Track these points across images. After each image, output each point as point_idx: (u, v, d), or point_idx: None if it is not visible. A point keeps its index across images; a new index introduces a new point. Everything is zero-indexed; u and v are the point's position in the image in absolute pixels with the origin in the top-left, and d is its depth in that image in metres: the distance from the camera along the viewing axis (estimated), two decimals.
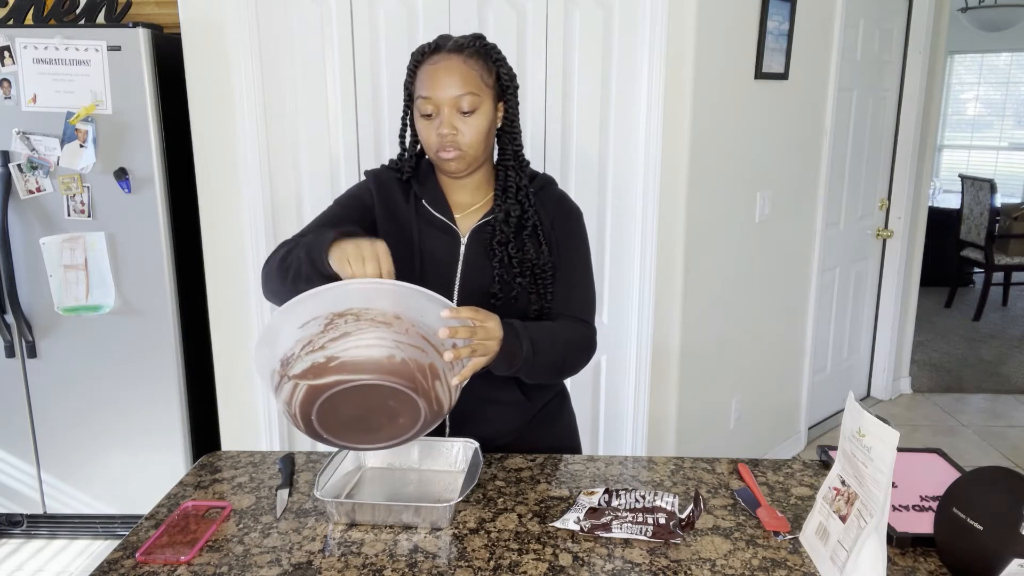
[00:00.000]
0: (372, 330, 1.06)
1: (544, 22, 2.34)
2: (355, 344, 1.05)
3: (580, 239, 1.45)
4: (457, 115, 1.29)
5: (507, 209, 1.35)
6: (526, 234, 1.37)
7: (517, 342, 1.23)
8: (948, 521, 1.03)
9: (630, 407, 2.63)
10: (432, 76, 1.28)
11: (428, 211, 1.39)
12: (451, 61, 1.29)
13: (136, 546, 1.11)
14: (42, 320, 2.54)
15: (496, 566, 1.05)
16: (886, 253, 3.86)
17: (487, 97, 1.31)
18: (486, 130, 1.32)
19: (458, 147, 1.30)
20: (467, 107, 1.28)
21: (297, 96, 2.35)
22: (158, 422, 2.61)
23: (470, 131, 1.30)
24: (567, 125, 2.43)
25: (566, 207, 1.44)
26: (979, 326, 5.40)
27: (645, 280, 2.53)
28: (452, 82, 1.27)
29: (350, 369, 1.05)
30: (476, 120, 1.30)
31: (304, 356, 1.05)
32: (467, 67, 1.29)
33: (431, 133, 1.30)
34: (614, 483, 1.29)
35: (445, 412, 1.14)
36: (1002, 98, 7.40)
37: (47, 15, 2.46)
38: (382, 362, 1.05)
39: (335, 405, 1.08)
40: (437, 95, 1.28)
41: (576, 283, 1.43)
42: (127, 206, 2.46)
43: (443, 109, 1.28)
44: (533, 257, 1.36)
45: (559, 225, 1.42)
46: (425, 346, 1.08)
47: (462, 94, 1.28)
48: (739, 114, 2.68)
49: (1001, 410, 3.97)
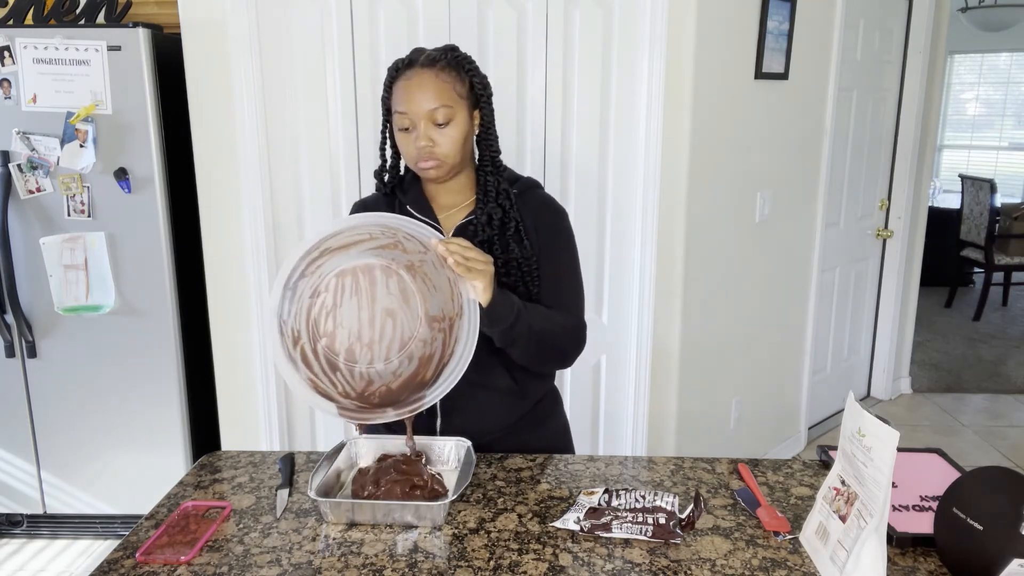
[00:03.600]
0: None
1: (544, 22, 2.34)
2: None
3: (565, 236, 1.47)
4: (432, 127, 1.33)
5: (488, 212, 1.39)
6: (509, 235, 1.40)
7: (508, 299, 1.28)
8: (948, 521, 1.03)
9: (630, 407, 2.63)
10: (406, 91, 1.32)
11: (412, 215, 1.42)
12: (424, 76, 1.33)
13: (136, 546, 1.11)
14: (42, 320, 2.54)
15: (496, 566, 1.05)
16: (886, 253, 3.86)
17: (461, 108, 1.35)
18: (462, 139, 1.36)
19: (435, 157, 1.34)
20: (441, 119, 1.32)
21: (297, 96, 2.35)
22: (158, 422, 2.61)
23: (446, 141, 1.33)
24: (567, 125, 2.43)
25: (549, 207, 1.48)
26: (979, 326, 5.40)
27: (645, 280, 2.53)
28: (426, 96, 1.31)
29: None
30: (451, 131, 1.34)
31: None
32: (439, 80, 1.33)
33: (409, 146, 1.35)
34: (614, 483, 1.29)
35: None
36: (1002, 98, 7.40)
37: (47, 15, 2.46)
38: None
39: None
40: (412, 109, 1.32)
41: (563, 278, 1.46)
42: (127, 206, 2.46)
43: (419, 123, 1.32)
44: (517, 255, 1.39)
45: (543, 224, 1.44)
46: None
47: (436, 107, 1.31)
48: (739, 114, 2.68)
49: (1001, 410, 3.97)
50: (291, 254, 1.24)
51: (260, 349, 2.50)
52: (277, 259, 2.46)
